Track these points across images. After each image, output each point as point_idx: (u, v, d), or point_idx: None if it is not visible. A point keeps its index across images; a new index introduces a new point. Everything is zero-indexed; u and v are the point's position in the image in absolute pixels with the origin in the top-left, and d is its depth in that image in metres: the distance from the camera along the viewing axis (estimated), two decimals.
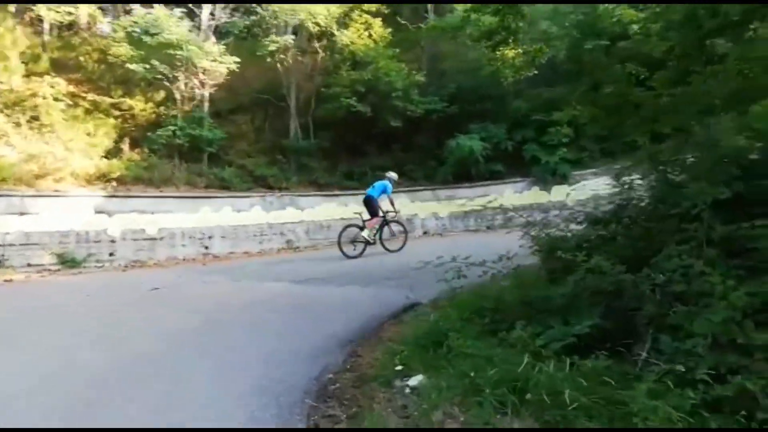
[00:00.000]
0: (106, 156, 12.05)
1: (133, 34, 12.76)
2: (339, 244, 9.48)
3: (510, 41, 7.01)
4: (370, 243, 9.65)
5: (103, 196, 11.07)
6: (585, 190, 14.15)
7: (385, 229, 10.10)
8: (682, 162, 3.50)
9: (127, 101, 13.20)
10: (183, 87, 13.03)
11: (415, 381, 3.05)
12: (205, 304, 5.68)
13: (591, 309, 2.96)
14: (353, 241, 9.57)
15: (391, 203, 9.96)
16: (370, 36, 15.33)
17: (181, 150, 13.00)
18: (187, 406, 2.84)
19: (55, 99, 11.82)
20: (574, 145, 13.97)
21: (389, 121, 14.40)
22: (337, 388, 3.13)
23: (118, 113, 13.14)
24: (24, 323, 5.08)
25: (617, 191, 4.05)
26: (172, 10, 13.25)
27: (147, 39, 12.55)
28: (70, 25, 14.99)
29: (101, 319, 5.11)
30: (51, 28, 14.45)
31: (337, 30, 15.11)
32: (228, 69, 13.35)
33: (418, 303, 4.98)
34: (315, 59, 15.51)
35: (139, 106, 13.29)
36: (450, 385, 2.73)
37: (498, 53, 7.59)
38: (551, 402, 2.29)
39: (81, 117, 12.48)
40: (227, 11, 14.84)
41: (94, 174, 11.34)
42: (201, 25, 14.25)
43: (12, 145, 10.92)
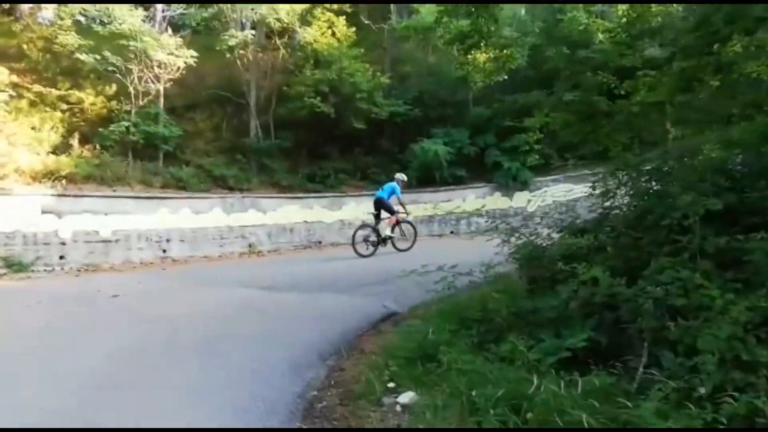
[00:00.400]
0: (53, 152, 11.19)
1: (81, 22, 11.94)
2: (353, 243, 9.65)
3: (482, 45, 7.03)
4: (383, 241, 9.82)
5: (52, 195, 10.23)
6: (546, 196, 14.68)
7: (396, 229, 10.24)
8: (664, 172, 3.53)
9: (76, 94, 12.29)
10: (137, 81, 12.32)
11: (406, 398, 2.93)
12: (172, 313, 5.29)
13: (584, 322, 2.92)
14: (365, 240, 9.74)
15: (401, 204, 10.17)
16: (333, 35, 15.02)
17: (136, 147, 12.30)
18: None
19: None
20: (537, 152, 14.22)
21: (352, 123, 14.14)
22: (324, 406, 2.96)
23: (66, 107, 12.24)
24: None
25: (597, 200, 4.07)
26: None
27: (98, 28, 11.78)
28: (9, 11, 13.93)
29: (50, 331, 4.68)
30: None
31: (300, 27, 14.75)
32: (185, 63, 12.74)
33: (395, 312, 4.86)
34: (276, 56, 15.08)
35: (89, 99, 12.40)
36: (446, 404, 2.62)
37: (470, 57, 7.59)
38: (556, 422, 2.21)
39: (25, 110, 11.55)
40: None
41: (41, 171, 10.47)
42: (156, 15, 13.56)
43: None
